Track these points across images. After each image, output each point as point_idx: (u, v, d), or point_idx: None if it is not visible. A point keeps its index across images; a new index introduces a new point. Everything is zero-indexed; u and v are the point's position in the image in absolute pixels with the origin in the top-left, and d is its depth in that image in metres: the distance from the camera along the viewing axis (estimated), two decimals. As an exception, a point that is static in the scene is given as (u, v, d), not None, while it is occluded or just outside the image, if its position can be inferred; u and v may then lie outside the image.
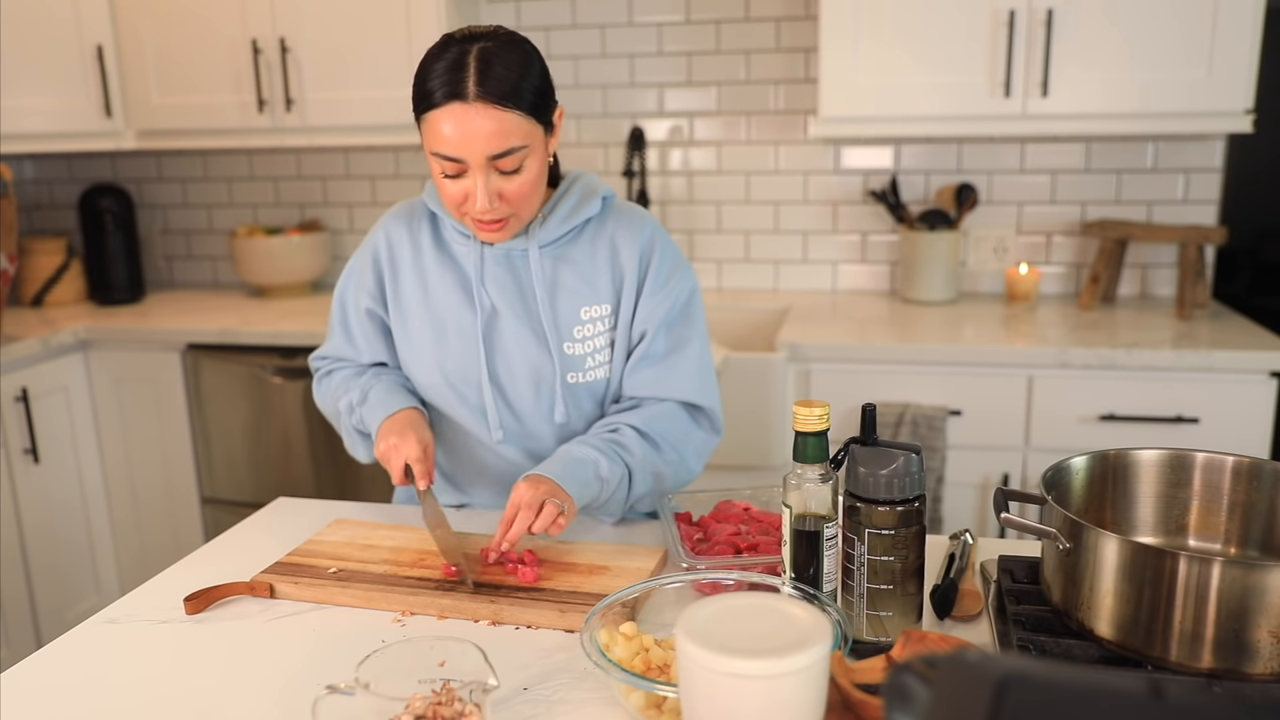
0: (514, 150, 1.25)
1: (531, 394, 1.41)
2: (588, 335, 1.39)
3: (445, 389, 1.42)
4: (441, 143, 1.24)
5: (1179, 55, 2.29)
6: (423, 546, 1.30)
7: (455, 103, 1.22)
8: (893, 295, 2.85)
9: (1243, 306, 2.97)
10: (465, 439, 1.46)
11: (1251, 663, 0.90)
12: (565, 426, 1.42)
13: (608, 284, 1.40)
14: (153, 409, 2.74)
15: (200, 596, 1.17)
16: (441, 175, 1.28)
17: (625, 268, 1.40)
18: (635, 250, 1.40)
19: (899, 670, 0.59)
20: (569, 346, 1.39)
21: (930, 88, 2.41)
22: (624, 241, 1.41)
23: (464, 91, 1.21)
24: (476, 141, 1.23)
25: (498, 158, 1.24)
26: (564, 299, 1.39)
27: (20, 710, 0.99)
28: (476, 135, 1.22)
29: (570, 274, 1.40)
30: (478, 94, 1.21)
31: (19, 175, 3.32)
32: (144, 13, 2.78)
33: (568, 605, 1.13)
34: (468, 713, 0.82)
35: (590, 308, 1.39)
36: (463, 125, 1.22)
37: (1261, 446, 2.19)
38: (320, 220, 3.18)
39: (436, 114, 1.23)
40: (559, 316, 1.39)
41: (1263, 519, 1.08)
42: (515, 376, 1.40)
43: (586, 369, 1.40)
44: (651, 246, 1.41)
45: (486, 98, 1.22)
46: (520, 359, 1.39)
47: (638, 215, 1.44)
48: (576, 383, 1.40)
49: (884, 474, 0.98)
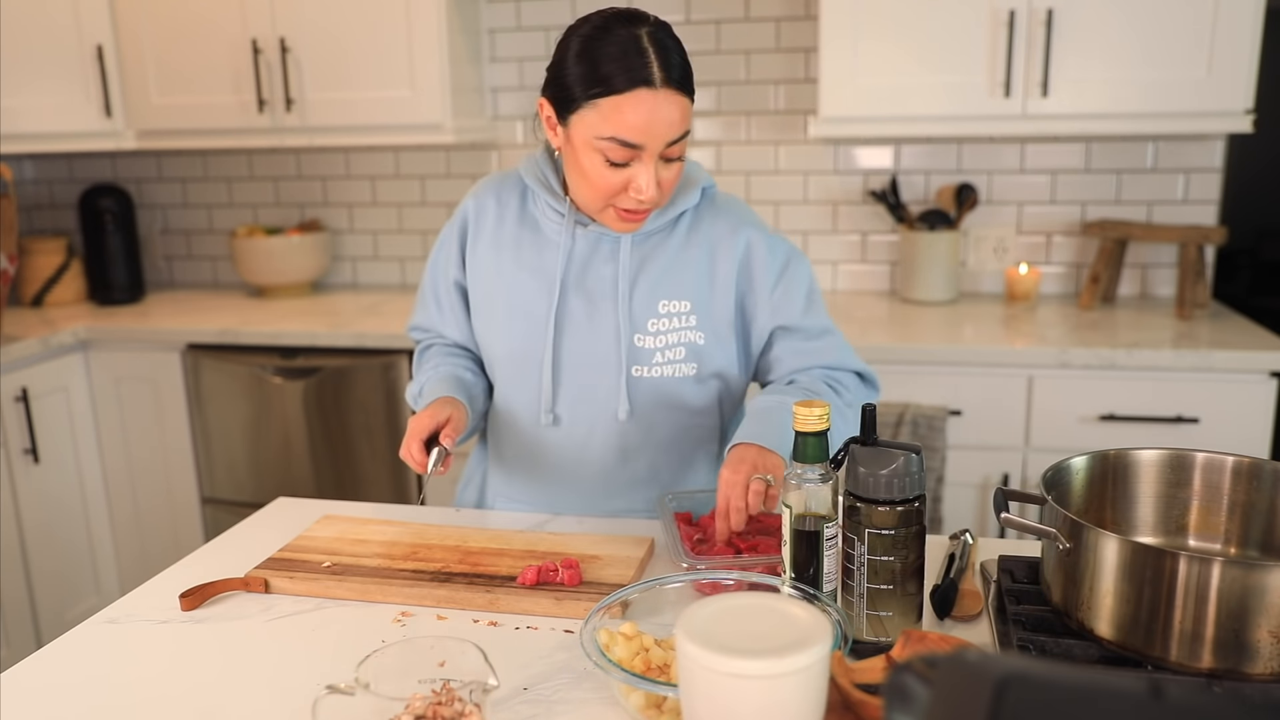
0: (686, 134, 1.25)
1: (594, 383, 1.38)
2: (662, 330, 1.37)
3: (508, 363, 1.42)
4: (624, 129, 1.21)
5: (1179, 55, 2.29)
6: (415, 540, 1.31)
7: (643, 89, 1.20)
8: (893, 295, 2.85)
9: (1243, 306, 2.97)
10: (518, 419, 1.45)
11: (1251, 663, 0.90)
12: (625, 424, 1.40)
13: (693, 281, 1.38)
14: (153, 409, 2.74)
15: (195, 593, 1.17)
16: (603, 163, 1.25)
17: (721, 265, 1.38)
18: (734, 249, 1.38)
19: (899, 670, 0.59)
20: (639, 339, 1.36)
21: (930, 88, 2.41)
22: (721, 238, 1.39)
23: (652, 77, 1.20)
24: (661, 128, 1.22)
25: (675, 142, 1.24)
26: (644, 288, 1.37)
27: (20, 710, 0.99)
28: (663, 122, 1.21)
29: (656, 265, 1.37)
30: (664, 79, 1.20)
31: (19, 175, 3.32)
32: (144, 13, 2.78)
33: (563, 595, 1.14)
34: (468, 713, 0.82)
35: (670, 302, 1.37)
36: (652, 112, 1.20)
37: (1261, 446, 2.19)
38: (320, 220, 3.18)
39: (619, 100, 1.20)
40: (635, 307, 1.36)
41: (1263, 519, 1.08)
42: (580, 363, 1.38)
43: (654, 364, 1.37)
44: (751, 240, 1.39)
45: (671, 83, 1.21)
46: (589, 346, 1.37)
47: (736, 213, 1.42)
48: (641, 376, 1.37)
49: (884, 474, 0.98)
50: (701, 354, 1.38)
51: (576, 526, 1.39)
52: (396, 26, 2.64)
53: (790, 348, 1.41)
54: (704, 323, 1.38)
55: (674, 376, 1.38)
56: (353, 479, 2.65)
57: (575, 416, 1.41)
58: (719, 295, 1.38)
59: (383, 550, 1.28)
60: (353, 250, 3.18)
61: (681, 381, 1.39)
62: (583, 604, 1.13)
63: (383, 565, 1.23)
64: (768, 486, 1.18)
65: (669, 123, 1.22)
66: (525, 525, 1.40)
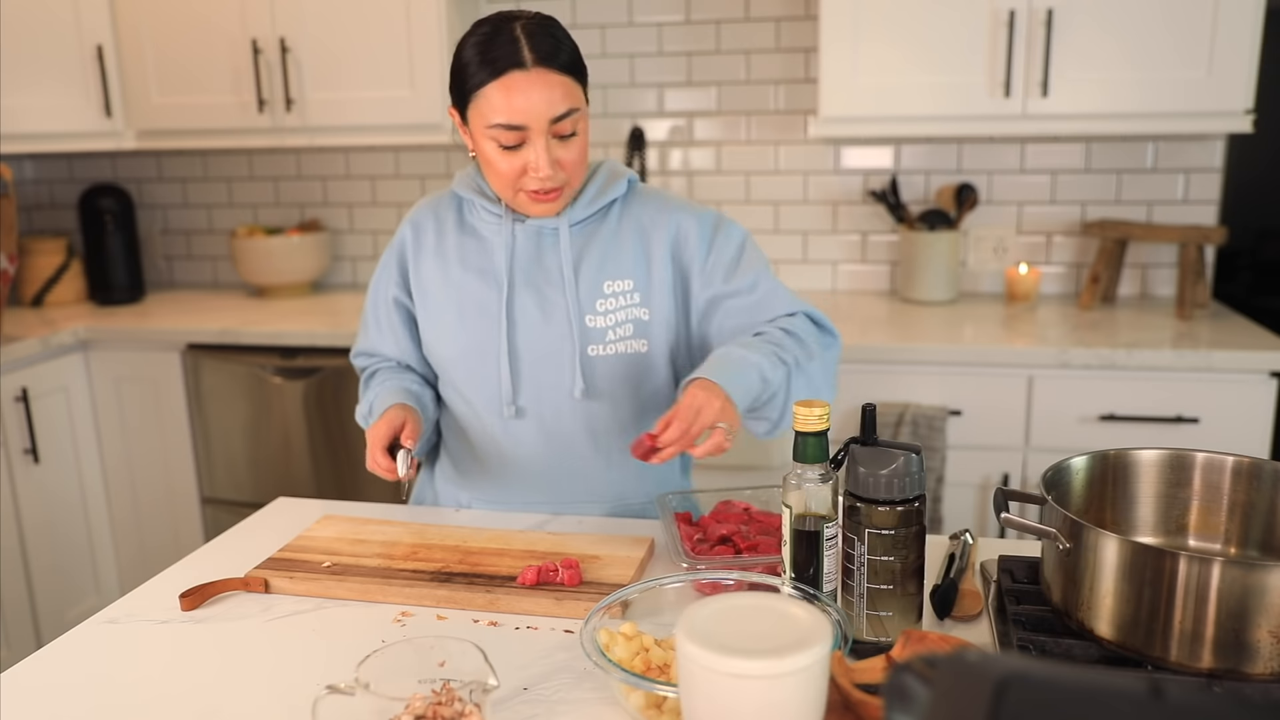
0: (572, 112, 1.30)
1: (551, 368, 1.42)
2: (610, 309, 1.41)
3: (462, 362, 1.44)
4: (502, 112, 1.28)
5: (1179, 55, 2.29)
6: (415, 540, 1.31)
7: (514, 71, 1.26)
8: (893, 295, 2.85)
9: (1243, 306, 2.97)
10: (478, 418, 1.46)
11: (1251, 663, 0.90)
12: (584, 403, 1.43)
13: (632, 261, 1.42)
14: (153, 409, 2.74)
15: (195, 593, 1.18)
16: (498, 149, 1.31)
17: (654, 249, 1.42)
18: (665, 229, 1.43)
19: (899, 670, 0.59)
20: (590, 319, 1.41)
21: (930, 88, 2.41)
22: (652, 223, 1.43)
23: (521, 59, 1.27)
24: (540, 105, 1.27)
25: (558, 120, 1.29)
26: (588, 272, 1.41)
27: (20, 710, 0.99)
28: (540, 100, 1.27)
29: (596, 250, 1.42)
30: (534, 59, 1.27)
31: (19, 175, 3.32)
32: (144, 13, 2.78)
33: (563, 595, 1.14)
34: (468, 713, 0.82)
35: (614, 281, 1.41)
36: (525, 91, 1.27)
37: (1261, 446, 2.19)
38: (320, 220, 3.18)
39: (493, 87, 1.27)
40: (581, 289, 1.41)
41: (1263, 519, 1.08)
42: (535, 351, 1.42)
43: (608, 341, 1.41)
44: (680, 223, 1.43)
45: (541, 63, 1.27)
46: (541, 334, 1.41)
47: (664, 197, 1.47)
48: (597, 355, 1.41)
49: (884, 474, 0.98)
50: (649, 330, 1.43)
51: (576, 526, 1.39)
52: (396, 26, 2.64)
53: (731, 309, 1.43)
54: (646, 299, 1.42)
55: (628, 353, 1.42)
56: (353, 479, 2.65)
57: (538, 405, 1.44)
58: (656, 274, 1.42)
59: (383, 550, 1.28)
60: (353, 250, 3.18)
61: (636, 358, 1.43)
62: (583, 604, 1.13)
63: (383, 565, 1.24)
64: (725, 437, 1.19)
65: (547, 101, 1.27)
66: (525, 525, 1.40)
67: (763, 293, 1.43)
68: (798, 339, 1.38)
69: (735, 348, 1.32)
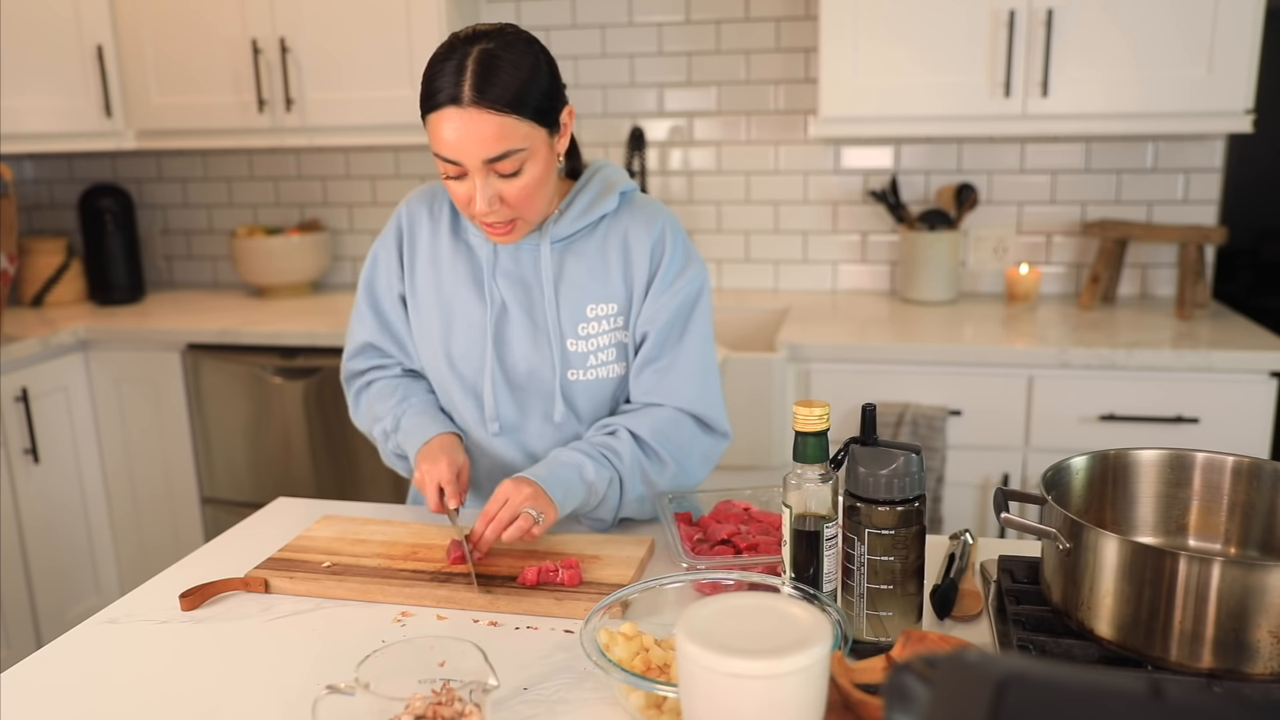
0: (511, 153, 1.24)
1: (533, 390, 1.41)
2: (592, 333, 1.39)
3: (449, 375, 1.43)
4: (440, 145, 1.25)
5: (1179, 55, 2.29)
6: (415, 540, 1.31)
7: (451, 107, 1.22)
8: (893, 295, 2.85)
9: (1243, 306, 2.97)
10: (463, 431, 1.46)
11: (1251, 663, 0.90)
12: (564, 427, 1.42)
13: (619, 281, 1.40)
14: (153, 409, 2.74)
15: (195, 593, 1.17)
16: (445, 176, 1.29)
17: (636, 266, 1.40)
18: (647, 249, 1.39)
19: (899, 670, 0.59)
20: (572, 343, 1.39)
21: (930, 88, 2.41)
22: (636, 239, 1.40)
23: (460, 96, 1.21)
24: (471, 145, 1.23)
25: (494, 161, 1.24)
26: (571, 294, 1.39)
27: (20, 710, 0.99)
28: (471, 139, 1.23)
29: (580, 270, 1.39)
30: (473, 99, 1.21)
31: (19, 175, 3.32)
32: (144, 13, 2.78)
33: (563, 595, 1.14)
34: (468, 713, 0.82)
35: (598, 305, 1.39)
36: (458, 129, 1.23)
37: (1261, 446, 2.19)
38: (320, 220, 3.18)
39: (435, 117, 1.24)
40: (563, 312, 1.39)
41: (1263, 519, 1.08)
42: (519, 371, 1.41)
43: (589, 366, 1.40)
44: (662, 246, 1.40)
45: (481, 102, 1.21)
46: (524, 354, 1.40)
47: (652, 211, 1.43)
48: (577, 380, 1.40)
49: (884, 474, 0.98)
50: (629, 353, 1.42)
51: (577, 527, 1.39)
52: (396, 26, 2.64)
53: (639, 363, 1.41)
54: (629, 321, 1.41)
55: (609, 377, 1.41)
56: (353, 479, 2.65)
57: (519, 424, 1.43)
58: (637, 292, 1.40)
59: (382, 550, 1.28)
60: (353, 250, 3.18)
61: (617, 381, 1.42)
62: (583, 604, 1.13)
63: (382, 565, 1.24)
64: (534, 524, 1.21)
65: (478, 140, 1.22)
66: (525, 525, 1.39)
67: (673, 377, 1.39)
68: (646, 448, 1.36)
69: (568, 450, 1.33)
